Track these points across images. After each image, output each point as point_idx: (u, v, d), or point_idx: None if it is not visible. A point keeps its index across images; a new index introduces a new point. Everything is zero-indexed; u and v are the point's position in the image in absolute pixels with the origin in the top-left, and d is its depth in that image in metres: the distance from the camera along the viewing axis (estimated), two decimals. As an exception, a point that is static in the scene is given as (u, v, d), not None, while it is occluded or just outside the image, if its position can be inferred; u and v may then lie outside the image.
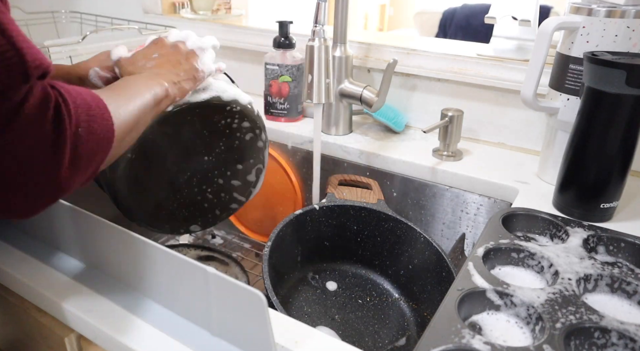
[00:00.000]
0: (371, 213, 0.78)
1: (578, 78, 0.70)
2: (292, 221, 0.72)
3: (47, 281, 0.57)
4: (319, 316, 0.73)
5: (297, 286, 0.77)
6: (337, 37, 0.92)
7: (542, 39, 0.69)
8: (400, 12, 4.33)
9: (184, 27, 1.22)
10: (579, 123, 0.66)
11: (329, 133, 0.97)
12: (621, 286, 0.54)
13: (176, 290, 0.51)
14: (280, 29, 0.99)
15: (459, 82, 0.94)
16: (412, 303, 0.77)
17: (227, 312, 0.47)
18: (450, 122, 0.85)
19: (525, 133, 0.91)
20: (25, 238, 0.64)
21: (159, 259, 0.50)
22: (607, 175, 0.66)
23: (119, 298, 0.55)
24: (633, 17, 0.65)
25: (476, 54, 0.92)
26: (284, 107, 1.01)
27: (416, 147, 0.92)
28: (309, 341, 0.47)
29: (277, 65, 0.98)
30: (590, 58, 0.62)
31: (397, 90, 1.01)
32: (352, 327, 0.73)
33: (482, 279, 0.53)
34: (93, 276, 0.58)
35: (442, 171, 0.84)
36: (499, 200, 0.80)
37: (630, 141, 0.64)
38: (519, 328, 0.50)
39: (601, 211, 0.67)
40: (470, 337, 0.45)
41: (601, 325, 0.47)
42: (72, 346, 0.57)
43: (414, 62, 0.96)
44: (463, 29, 2.70)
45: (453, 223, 0.86)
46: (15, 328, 0.64)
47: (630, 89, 0.60)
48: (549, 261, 0.57)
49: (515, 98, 0.90)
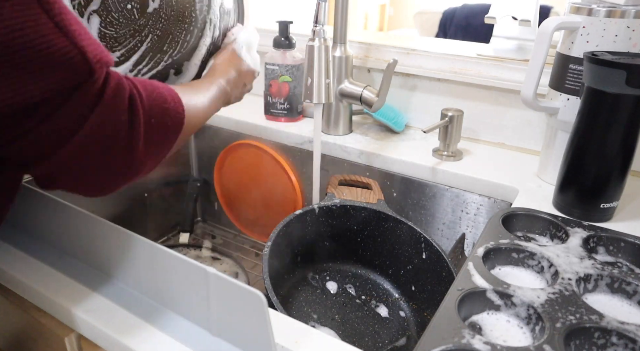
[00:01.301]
0: (371, 213, 0.78)
1: (578, 78, 0.70)
2: (292, 221, 0.72)
3: (47, 281, 0.57)
4: (319, 316, 0.73)
5: (297, 287, 0.77)
6: (337, 37, 0.92)
7: (542, 39, 0.69)
8: (400, 12, 4.33)
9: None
10: (579, 123, 0.66)
11: (329, 133, 0.97)
12: (621, 287, 0.54)
13: (176, 290, 0.51)
14: (280, 29, 0.99)
15: (459, 82, 0.94)
16: (412, 303, 0.77)
17: (227, 312, 0.47)
18: (450, 122, 0.85)
19: (525, 133, 0.91)
20: (25, 238, 0.64)
21: (159, 259, 0.50)
22: (607, 175, 0.66)
23: (119, 298, 0.55)
24: (633, 17, 0.65)
25: (476, 54, 0.92)
26: (284, 107, 1.01)
27: (416, 147, 0.92)
28: (309, 341, 0.47)
29: (277, 65, 0.98)
30: (590, 58, 0.62)
31: (397, 90, 1.01)
32: (352, 327, 0.73)
33: (482, 279, 0.53)
34: (93, 276, 0.58)
35: (442, 171, 0.84)
36: (499, 200, 0.80)
37: (630, 141, 0.64)
38: (519, 328, 0.50)
39: (601, 211, 0.67)
40: (470, 337, 0.45)
41: (601, 325, 0.47)
42: (72, 346, 0.57)
43: (414, 62, 0.96)
44: (463, 29, 2.70)
45: (453, 223, 0.86)
46: (15, 328, 0.64)
47: (630, 89, 0.60)
48: (549, 261, 0.57)
49: (515, 98, 0.90)
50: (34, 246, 0.63)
